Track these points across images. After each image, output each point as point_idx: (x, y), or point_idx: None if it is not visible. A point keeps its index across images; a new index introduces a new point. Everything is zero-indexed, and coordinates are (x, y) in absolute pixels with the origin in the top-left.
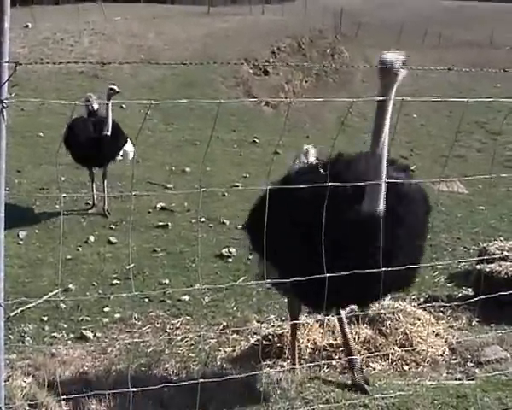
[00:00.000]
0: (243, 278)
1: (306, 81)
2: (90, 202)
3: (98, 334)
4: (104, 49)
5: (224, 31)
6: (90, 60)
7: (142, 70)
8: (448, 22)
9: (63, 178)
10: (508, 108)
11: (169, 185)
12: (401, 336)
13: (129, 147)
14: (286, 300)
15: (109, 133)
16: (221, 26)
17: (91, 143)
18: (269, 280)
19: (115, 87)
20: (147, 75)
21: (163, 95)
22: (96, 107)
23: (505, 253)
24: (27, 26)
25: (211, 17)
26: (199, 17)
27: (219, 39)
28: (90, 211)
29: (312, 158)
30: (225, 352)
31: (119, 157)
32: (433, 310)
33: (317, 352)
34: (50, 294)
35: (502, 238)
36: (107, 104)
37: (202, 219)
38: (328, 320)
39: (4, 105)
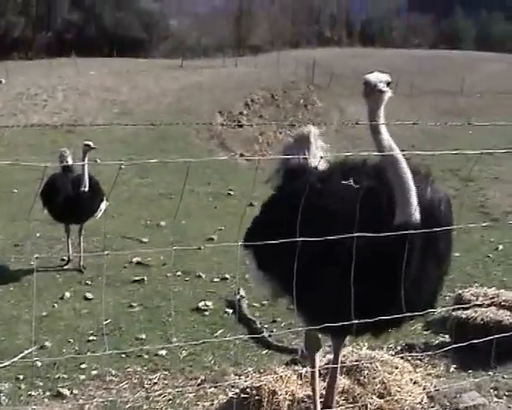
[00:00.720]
0: (220, 331)
1: (280, 133)
2: (65, 257)
3: (75, 391)
4: (78, 103)
5: (197, 84)
6: (64, 114)
7: (116, 124)
8: (419, 71)
9: (38, 234)
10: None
11: (144, 240)
12: (379, 386)
13: (104, 203)
14: (304, 335)
15: (87, 189)
16: (195, 79)
17: (69, 200)
18: (245, 335)
19: (90, 143)
20: (121, 129)
21: (137, 149)
22: (70, 162)
23: (480, 299)
24: (1, 81)
25: (184, 70)
26: (172, 70)
27: (193, 92)
28: (65, 267)
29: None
30: (203, 406)
31: (98, 214)
32: (410, 358)
33: (295, 404)
34: (26, 352)
35: (477, 284)
36: (84, 160)
37: (178, 273)
38: (306, 372)
39: None
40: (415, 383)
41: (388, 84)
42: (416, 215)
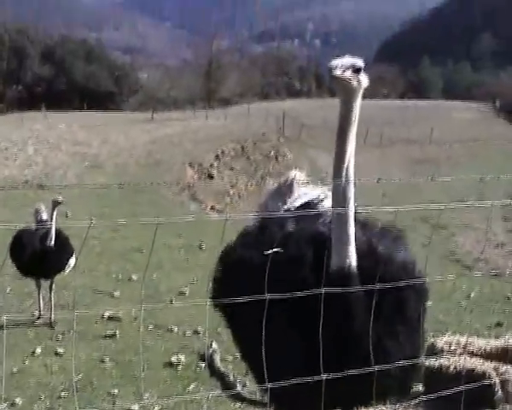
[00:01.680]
0: (193, 385)
1: (251, 185)
2: (36, 313)
3: None
4: (48, 157)
5: (168, 136)
6: (35, 168)
7: (87, 177)
8: (388, 121)
9: (8, 289)
10: (451, 202)
11: (116, 294)
12: None
13: (72, 258)
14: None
15: (52, 244)
16: (165, 131)
17: (35, 255)
18: (218, 389)
19: (59, 198)
20: (92, 182)
21: (109, 202)
22: (44, 217)
23: (453, 347)
24: None
25: (155, 123)
26: (143, 123)
27: (164, 145)
28: (36, 322)
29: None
30: None
31: (67, 269)
32: (384, 408)
33: None
34: None
35: (449, 333)
36: (52, 215)
37: (150, 327)
38: None
39: None
40: None
41: (358, 70)
42: (352, 260)
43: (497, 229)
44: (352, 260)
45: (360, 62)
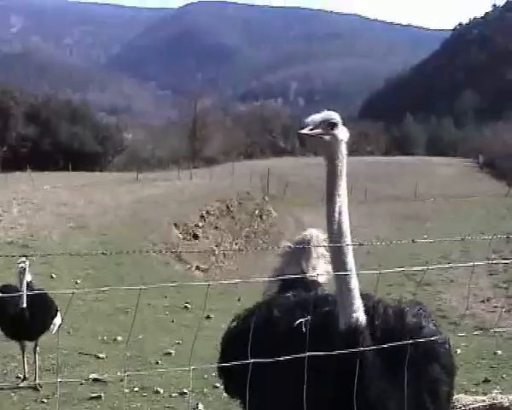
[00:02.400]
0: None
1: (236, 243)
2: (20, 375)
3: None
4: (33, 218)
5: (153, 196)
6: (19, 229)
7: (72, 238)
8: (374, 177)
9: None
10: (435, 259)
11: (101, 355)
12: None
13: (58, 319)
14: None
15: (24, 306)
16: (150, 192)
17: (14, 317)
18: None
19: (24, 260)
20: (77, 243)
21: (93, 262)
22: (29, 277)
23: None
24: None
25: (140, 183)
26: (128, 184)
27: (149, 205)
28: (20, 385)
29: None
30: None
31: (53, 329)
32: None
33: None
34: None
35: None
36: (21, 278)
37: (136, 389)
38: None
39: None
40: None
41: (332, 124)
42: (361, 316)
43: (482, 284)
44: (360, 315)
45: (334, 116)
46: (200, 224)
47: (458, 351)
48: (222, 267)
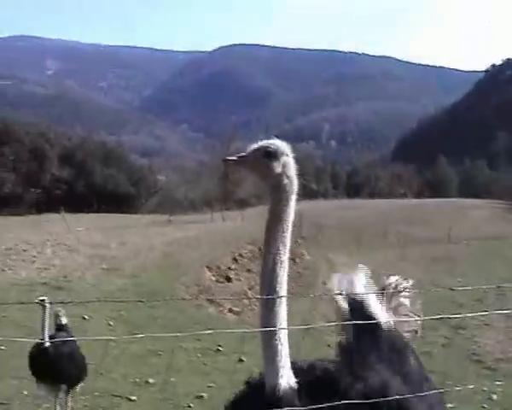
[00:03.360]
0: None
1: None
2: None
3: None
4: (67, 259)
5: (185, 239)
6: (53, 270)
7: (105, 280)
8: (406, 220)
9: (25, 392)
10: (470, 303)
11: (133, 398)
12: None
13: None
14: None
15: (47, 345)
16: (182, 234)
17: (47, 364)
18: None
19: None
20: (110, 285)
21: (126, 304)
22: (64, 321)
23: None
24: None
25: (172, 226)
26: (160, 226)
27: (181, 247)
28: None
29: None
30: None
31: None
32: None
33: None
34: None
35: None
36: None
37: None
38: None
39: None
40: None
41: (269, 153)
42: (286, 379)
43: None
44: (286, 377)
45: (274, 145)
46: (233, 266)
47: (494, 397)
48: (255, 310)
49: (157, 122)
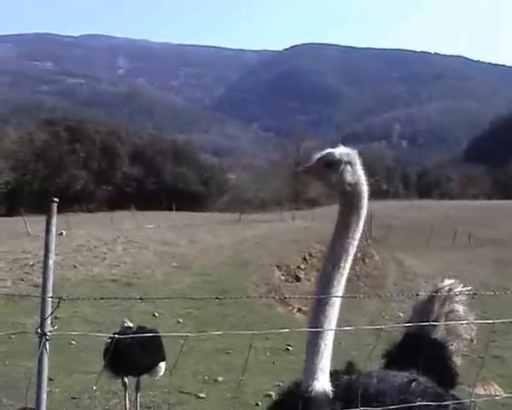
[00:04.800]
0: None
1: None
2: None
3: None
4: (137, 257)
5: (255, 237)
6: (123, 267)
7: (175, 277)
8: (476, 222)
9: (95, 387)
10: None
11: (201, 395)
12: None
13: (164, 363)
14: None
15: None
16: (252, 232)
17: (127, 355)
18: None
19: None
20: (179, 283)
21: (196, 302)
22: (131, 325)
23: None
24: (61, 233)
25: (242, 224)
26: (230, 224)
27: (250, 246)
28: None
29: None
30: None
31: (158, 372)
32: None
33: None
34: None
35: None
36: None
37: None
38: None
39: (47, 338)
40: None
41: (329, 164)
42: (322, 382)
43: None
44: (322, 382)
45: (332, 155)
46: (303, 266)
47: None
48: None
49: (228, 121)
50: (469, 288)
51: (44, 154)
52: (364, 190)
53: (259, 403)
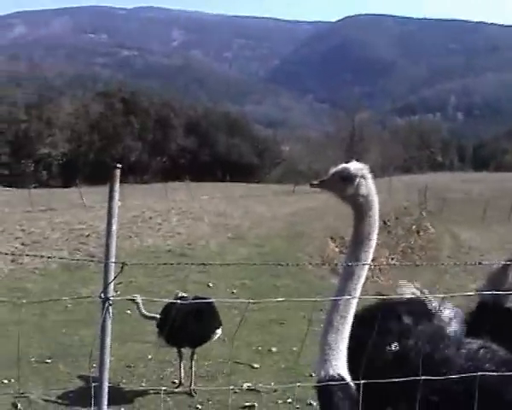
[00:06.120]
0: None
1: (392, 258)
2: (176, 380)
3: None
4: (191, 228)
5: (309, 209)
6: (178, 238)
7: (229, 248)
8: None
9: (150, 357)
10: None
11: (256, 365)
12: None
13: (220, 330)
14: None
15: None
16: (306, 204)
17: (184, 325)
18: None
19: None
20: (234, 254)
21: (249, 273)
22: (185, 295)
23: None
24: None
25: (296, 196)
26: (284, 196)
27: (305, 218)
28: (176, 390)
29: None
30: None
31: (215, 337)
32: None
33: None
34: None
35: None
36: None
37: (289, 400)
38: None
39: (110, 302)
40: None
41: (346, 178)
42: (337, 368)
43: None
44: (335, 367)
45: (348, 170)
46: None
47: None
48: (377, 282)
49: (282, 93)
50: None
51: (99, 125)
52: (375, 200)
53: (313, 374)
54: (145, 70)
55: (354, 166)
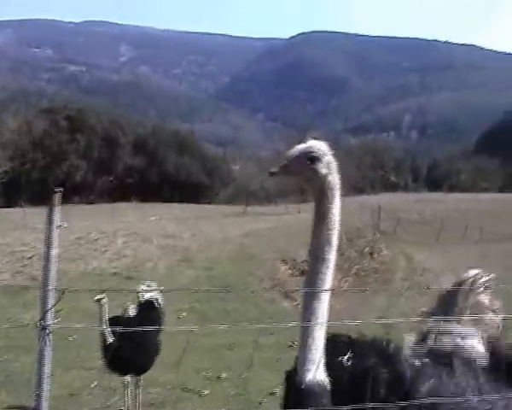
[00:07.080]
0: None
1: (345, 281)
2: (123, 408)
3: None
4: (139, 249)
5: (260, 231)
6: (124, 260)
7: (178, 271)
8: (488, 215)
9: (95, 384)
10: None
11: (204, 392)
12: None
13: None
14: None
15: (111, 341)
16: (257, 226)
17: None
18: None
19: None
20: (182, 277)
21: (199, 296)
22: (131, 313)
23: None
24: (61, 225)
25: (247, 217)
26: (235, 217)
27: (256, 239)
28: None
29: None
30: None
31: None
32: None
33: None
34: None
35: None
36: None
37: None
38: None
39: (49, 330)
40: None
41: (313, 158)
42: (315, 374)
43: None
44: (313, 373)
45: (315, 147)
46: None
47: None
48: (331, 306)
49: (232, 111)
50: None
51: (43, 143)
52: (337, 179)
53: (264, 401)
54: (92, 86)
55: (316, 143)
